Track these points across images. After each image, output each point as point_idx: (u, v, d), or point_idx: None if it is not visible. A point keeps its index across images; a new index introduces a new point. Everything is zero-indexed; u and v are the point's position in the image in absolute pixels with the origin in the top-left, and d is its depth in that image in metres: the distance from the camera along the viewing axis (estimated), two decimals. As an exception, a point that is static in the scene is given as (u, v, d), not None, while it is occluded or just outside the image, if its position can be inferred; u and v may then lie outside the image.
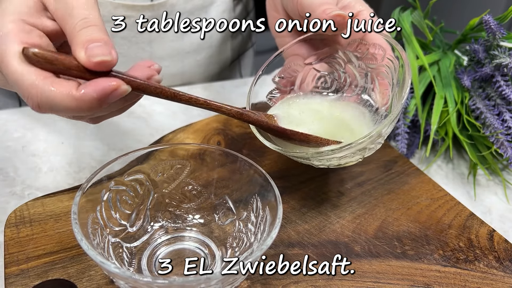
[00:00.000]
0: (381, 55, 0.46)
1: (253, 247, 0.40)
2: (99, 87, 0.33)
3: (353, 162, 0.45)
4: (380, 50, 0.46)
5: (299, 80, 0.51)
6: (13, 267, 0.41)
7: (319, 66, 0.51)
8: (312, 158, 0.43)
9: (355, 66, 0.49)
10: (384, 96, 0.47)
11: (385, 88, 0.47)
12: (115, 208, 0.42)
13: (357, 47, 0.48)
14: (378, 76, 0.47)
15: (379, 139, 0.43)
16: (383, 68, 0.47)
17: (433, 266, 0.44)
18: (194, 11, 0.70)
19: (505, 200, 0.58)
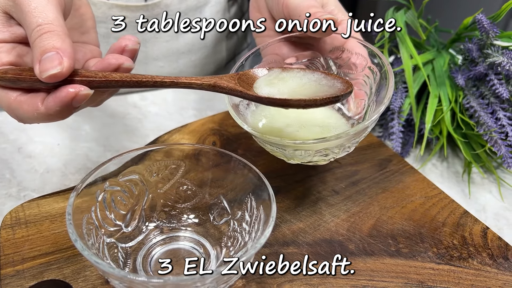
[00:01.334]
0: (362, 65, 0.47)
1: (248, 246, 0.40)
2: (58, 99, 0.35)
3: (324, 162, 0.44)
4: (362, 60, 0.47)
5: None
6: (8, 268, 0.41)
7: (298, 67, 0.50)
8: (287, 147, 0.42)
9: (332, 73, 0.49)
10: (358, 105, 0.47)
11: (361, 98, 0.47)
12: (110, 208, 0.42)
13: (339, 55, 0.48)
14: (355, 85, 0.47)
15: (354, 140, 0.43)
16: (361, 78, 0.47)
17: (427, 263, 0.45)
18: (188, 12, 0.70)
19: (499, 198, 0.58)
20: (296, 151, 0.42)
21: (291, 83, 0.43)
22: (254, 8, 0.53)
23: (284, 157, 0.44)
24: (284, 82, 0.43)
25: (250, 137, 0.60)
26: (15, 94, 0.36)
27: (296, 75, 0.44)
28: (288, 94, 0.41)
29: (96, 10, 0.64)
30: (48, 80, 0.34)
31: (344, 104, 0.49)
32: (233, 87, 0.40)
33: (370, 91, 0.47)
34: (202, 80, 0.39)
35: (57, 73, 0.34)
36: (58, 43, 0.35)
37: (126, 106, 0.69)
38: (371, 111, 0.46)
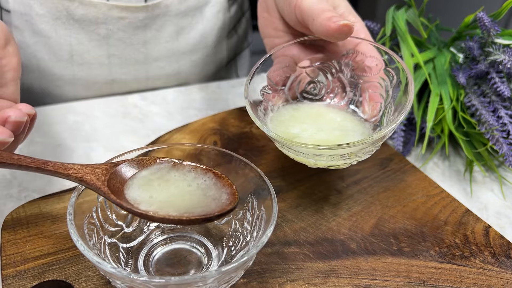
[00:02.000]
0: (377, 68, 0.47)
1: (249, 245, 0.40)
2: None
3: (345, 166, 0.45)
4: (376, 62, 0.47)
5: (290, 82, 0.51)
6: (10, 269, 0.41)
7: (311, 71, 0.51)
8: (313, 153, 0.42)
9: (346, 76, 0.50)
10: (374, 108, 0.47)
11: (376, 100, 0.47)
12: (111, 208, 0.42)
13: (353, 58, 0.48)
14: (370, 88, 0.48)
15: (377, 144, 0.43)
16: (376, 80, 0.47)
17: (429, 262, 0.45)
18: (188, 12, 0.70)
19: (501, 196, 0.58)
20: (320, 156, 0.42)
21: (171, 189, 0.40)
22: (262, 8, 0.53)
23: (307, 162, 0.44)
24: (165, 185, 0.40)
25: (251, 136, 0.60)
26: None
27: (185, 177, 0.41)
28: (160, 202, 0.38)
29: (96, 11, 0.64)
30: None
31: (358, 107, 0.49)
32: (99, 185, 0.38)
33: (386, 94, 0.47)
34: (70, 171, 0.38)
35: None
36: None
37: (126, 106, 0.69)
38: (388, 113, 0.46)
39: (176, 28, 0.70)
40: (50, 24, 0.65)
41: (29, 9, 0.64)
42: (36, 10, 0.63)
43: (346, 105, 0.50)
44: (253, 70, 0.48)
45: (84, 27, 0.65)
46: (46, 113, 0.65)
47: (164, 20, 0.69)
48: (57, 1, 0.63)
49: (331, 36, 0.45)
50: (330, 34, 0.45)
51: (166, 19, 0.69)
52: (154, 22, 0.68)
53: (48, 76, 0.70)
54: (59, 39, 0.66)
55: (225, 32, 0.78)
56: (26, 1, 0.63)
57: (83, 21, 0.65)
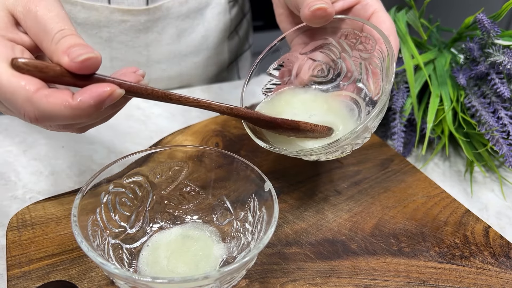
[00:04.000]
0: (372, 45, 0.47)
1: (251, 246, 0.41)
2: (95, 93, 0.33)
3: (342, 155, 0.45)
4: (371, 40, 0.47)
5: (295, 70, 0.51)
6: (15, 270, 0.42)
7: (314, 55, 0.51)
8: (301, 155, 0.44)
9: (349, 55, 0.49)
10: (376, 85, 0.47)
11: (377, 77, 0.47)
12: (114, 210, 0.42)
13: (350, 37, 0.49)
14: (371, 65, 0.48)
15: (366, 133, 0.43)
16: (374, 57, 0.47)
17: (429, 262, 0.45)
18: (189, 14, 0.71)
19: (501, 196, 0.58)
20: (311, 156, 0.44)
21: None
22: (277, 5, 0.54)
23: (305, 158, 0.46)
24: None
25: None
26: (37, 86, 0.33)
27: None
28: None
29: (98, 14, 0.65)
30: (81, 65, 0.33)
31: (365, 85, 0.49)
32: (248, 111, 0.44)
33: (381, 72, 0.47)
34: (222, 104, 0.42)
35: (92, 57, 0.33)
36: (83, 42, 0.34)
37: (129, 108, 0.69)
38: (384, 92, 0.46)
39: (178, 31, 0.71)
40: (53, 27, 0.65)
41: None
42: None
43: (354, 84, 0.50)
44: (256, 62, 0.49)
45: (87, 31, 0.66)
46: (49, 115, 0.66)
47: (166, 22, 0.69)
48: (60, 5, 0.64)
49: (311, 23, 0.46)
50: (309, 21, 0.46)
51: (168, 21, 0.69)
52: (156, 24, 0.69)
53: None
54: (62, 42, 0.66)
55: (226, 33, 0.79)
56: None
57: (85, 25, 0.65)
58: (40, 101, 0.33)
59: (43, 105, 0.33)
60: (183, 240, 0.44)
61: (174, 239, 0.44)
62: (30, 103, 0.33)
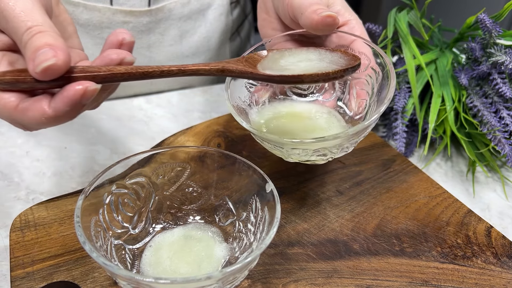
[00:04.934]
0: (365, 65, 0.47)
1: (253, 246, 0.41)
2: (66, 99, 0.33)
3: (322, 162, 0.45)
4: (365, 59, 0.46)
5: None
6: (19, 270, 0.42)
7: None
8: (285, 145, 0.42)
9: None
10: (360, 105, 0.47)
11: (363, 98, 0.47)
12: (117, 210, 0.43)
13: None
14: (357, 85, 0.48)
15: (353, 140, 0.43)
16: (364, 77, 0.47)
17: (431, 263, 0.45)
18: (191, 15, 0.71)
19: (504, 196, 0.58)
20: (293, 150, 0.42)
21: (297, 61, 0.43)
22: (262, 10, 0.54)
23: (282, 156, 0.45)
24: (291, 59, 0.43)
25: (255, 139, 0.61)
26: (15, 103, 0.34)
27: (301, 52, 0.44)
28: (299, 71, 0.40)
29: (100, 15, 0.65)
30: (42, 74, 0.32)
31: (346, 104, 0.49)
32: (243, 69, 0.39)
33: (372, 91, 0.47)
34: (210, 66, 0.38)
35: (52, 64, 0.32)
36: (50, 40, 0.33)
37: (131, 109, 0.69)
38: (372, 111, 0.46)
39: (180, 32, 0.71)
40: (55, 29, 0.65)
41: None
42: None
43: (335, 102, 0.50)
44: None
45: (89, 32, 0.66)
46: (52, 116, 0.66)
47: (168, 24, 0.69)
48: (62, 6, 0.64)
49: (316, 29, 0.45)
50: (314, 26, 0.45)
51: (170, 23, 0.69)
52: (158, 26, 0.69)
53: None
54: (65, 43, 0.67)
55: (228, 35, 0.79)
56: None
57: (87, 26, 0.66)
58: (21, 117, 0.34)
59: (25, 120, 0.34)
60: (185, 241, 0.44)
61: (176, 240, 0.44)
62: (13, 120, 0.35)
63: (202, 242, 0.44)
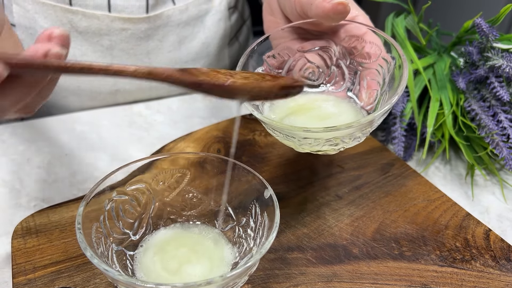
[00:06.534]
0: (376, 55, 0.46)
1: (253, 251, 0.41)
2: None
3: (333, 152, 0.44)
4: (376, 49, 0.46)
5: (288, 66, 0.50)
6: (20, 277, 0.42)
7: (310, 56, 0.50)
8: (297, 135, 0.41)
9: (346, 62, 0.49)
10: (370, 96, 0.47)
11: (373, 88, 0.46)
12: (118, 217, 0.43)
13: (353, 43, 0.48)
14: (368, 75, 0.47)
15: (365, 130, 0.42)
16: (375, 68, 0.46)
17: (430, 266, 0.45)
18: (189, 21, 0.72)
19: (502, 199, 0.58)
20: (305, 140, 0.42)
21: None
22: (267, 11, 0.53)
23: (294, 146, 0.44)
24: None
25: (254, 144, 0.61)
26: None
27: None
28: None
29: (99, 23, 0.65)
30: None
31: (356, 95, 0.49)
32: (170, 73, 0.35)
33: (383, 81, 0.46)
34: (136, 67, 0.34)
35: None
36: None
37: (131, 115, 0.70)
38: (383, 101, 0.45)
39: (178, 38, 0.72)
40: (55, 36, 0.66)
41: (34, 23, 0.65)
42: (40, 23, 0.65)
43: (344, 93, 0.49)
44: (247, 51, 0.47)
45: (88, 39, 0.67)
46: (53, 123, 0.67)
47: (166, 30, 0.70)
48: (61, 14, 0.64)
49: (327, 17, 0.44)
50: (326, 15, 0.44)
51: (168, 29, 0.70)
52: (156, 32, 0.69)
53: (53, 87, 0.71)
54: (64, 51, 0.67)
55: (226, 40, 0.79)
56: (31, 15, 0.65)
57: (86, 33, 0.66)
58: None
59: None
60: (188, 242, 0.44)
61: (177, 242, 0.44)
62: None
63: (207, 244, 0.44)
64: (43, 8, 0.64)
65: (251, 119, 0.66)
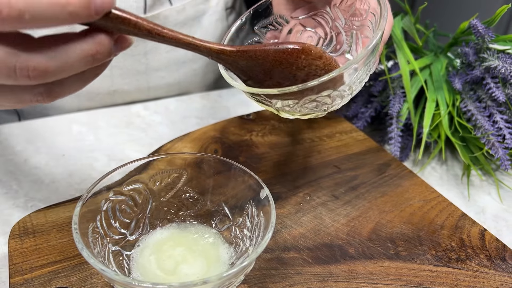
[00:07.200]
0: (366, 10, 0.45)
1: (249, 251, 0.41)
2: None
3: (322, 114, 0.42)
4: (365, 4, 0.44)
5: (284, 34, 0.49)
6: (17, 277, 0.42)
7: (305, 21, 0.49)
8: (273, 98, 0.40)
9: (341, 24, 0.48)
10: None
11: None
12: (114, 217, 0.43)
13: (345, 2, 0.46)
14: (362, 33, 0.46)
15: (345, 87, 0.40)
16: (366, 24, 0.45)
17: (426, 266, 0.46)
18: (187, 22, 0.72)
19: (498, 200, 0.59)
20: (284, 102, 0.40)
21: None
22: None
23: (276, 112, 0.42)
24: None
25: (251, 144, 0.61)
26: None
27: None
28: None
29: (98, 23, 0.66)
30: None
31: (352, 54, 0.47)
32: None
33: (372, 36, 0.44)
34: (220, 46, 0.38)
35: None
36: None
37: (129, 116, 0.70)
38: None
39: (176, 39, 0.72)
40: (53, 37, 0.66)
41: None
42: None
43: (344, 56, 0.48)
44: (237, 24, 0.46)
45: (87, 40, 0.67)
46: (50, 124, 0.67)
47: None
48: (59, 15, 0.64)
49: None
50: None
51: None
52: None
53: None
54: (62, 51, 0.67)
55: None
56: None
57: None
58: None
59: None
60: (184, 242, 0.45)
61: (173, 242, 0.45)
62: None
63: (203, 244, 0.45)
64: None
65: (248, 120, 0.66)
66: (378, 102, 0.67)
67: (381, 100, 0.67)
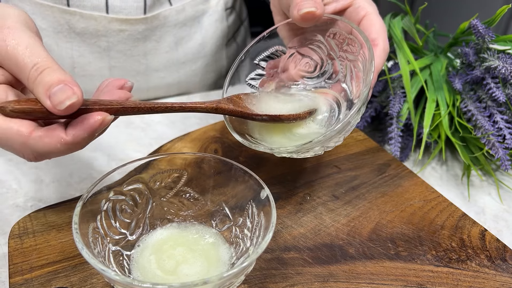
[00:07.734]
0: (357, 49, 0.47)
1: (249, 251, 0.41)
2: (87, 125, 0.35)
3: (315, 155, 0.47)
4: (357, 43, 0.47)
5: (283, 63, 0.52)
6: (17, 277, 0.42)
7: (302, 50, 0.51)
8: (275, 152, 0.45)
9: (336, 54, 0.50)
10: (358, 88, 0.47)
11: (360, 81, 0.47)
12: (114, 217, 0.43)
13: (338, 37, 0.49)
14: (355, 68, 0.48)
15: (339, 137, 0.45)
16: (358, 61, 0.47)
17: (426, 266, 0.46)
18: (186, 22, 0.72)
19: (498, 200, 0.59)
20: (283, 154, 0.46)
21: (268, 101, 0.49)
22: (275, 12, 0.55)
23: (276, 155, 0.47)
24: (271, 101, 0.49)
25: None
26: (29, 129, 0.35)
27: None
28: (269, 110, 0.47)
29: (96, 24, 0.66)
30: (66, 111, 0.34)
31: (348, 86, 0.49)
32: (233, 108, 0.46)
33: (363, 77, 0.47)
34: (206, 104, 0.44)
35: (75, 102, 0.34)
36: (61, 76, 0.35)
37: (129, 116, 0.70)
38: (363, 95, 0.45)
39: (175, 39, 0.72)
40: (52, 37, 0.66)
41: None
42: (38, 24, 0.65)
43: (339, 84, 0.50)
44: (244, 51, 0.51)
45: (85, 40, 0.67)
46: (50, 123, 0.67)
47: (163, 31, 0.70)
48: (58, 15, 0.64)
49: (299, 24, 0.48)
50: (297, 22, 0.47)
51: (165, 30, 0.70)
52: (154, 33, 0.69)
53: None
54: (61, 52, 0.67)
55: (224, 40, 0.79)
56: (29, 16, 0.65)
57: (84, 34, 0.66)
58: (36, 144, 0.36)
59: (40, 147, 0.36)
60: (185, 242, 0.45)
61: (173, 242, 0.45)
62: (27, 146, 0.36)
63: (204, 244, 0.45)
64: (41, 9, 0.64)
65: (248, 120, 0.66)
66: (378, 102, 0.67)
67: (381, 100, 0.67)
